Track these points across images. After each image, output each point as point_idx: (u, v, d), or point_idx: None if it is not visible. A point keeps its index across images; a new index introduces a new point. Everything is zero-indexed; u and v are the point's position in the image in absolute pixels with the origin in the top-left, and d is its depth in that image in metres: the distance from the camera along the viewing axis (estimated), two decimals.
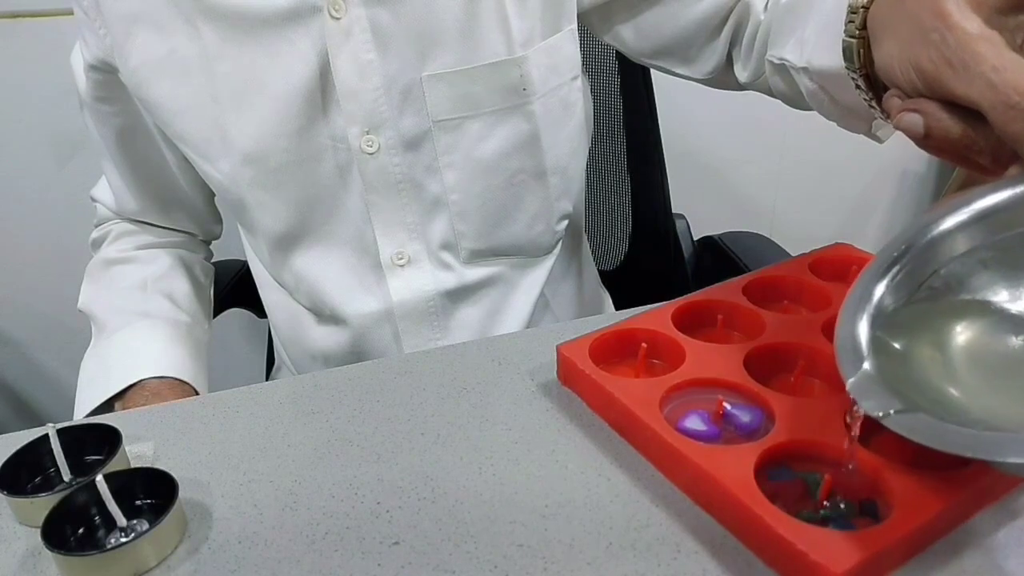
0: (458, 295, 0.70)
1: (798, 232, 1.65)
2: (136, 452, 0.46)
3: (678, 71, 0.74)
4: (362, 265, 0.68)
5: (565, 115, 0.68)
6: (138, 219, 0.79)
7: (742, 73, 0.70)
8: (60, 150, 1.26)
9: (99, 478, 0.38)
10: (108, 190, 0.78)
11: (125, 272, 0.75)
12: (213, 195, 0.80)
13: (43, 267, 1.32)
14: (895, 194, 1.96)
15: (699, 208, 1.06)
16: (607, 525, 0.38)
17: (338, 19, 0.58)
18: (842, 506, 0.37)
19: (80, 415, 0.65)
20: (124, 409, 0.62)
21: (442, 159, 0.64)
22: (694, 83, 0.76)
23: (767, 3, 0.65)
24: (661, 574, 0.35)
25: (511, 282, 0.72)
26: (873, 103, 0.46)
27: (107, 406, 0.64)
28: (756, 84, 0.70)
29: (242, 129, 0.62)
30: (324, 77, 0.60)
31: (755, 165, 1.58)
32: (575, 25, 0.67)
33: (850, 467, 0.37)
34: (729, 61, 0.72)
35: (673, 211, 0.99)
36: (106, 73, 0.66)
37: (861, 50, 0.44)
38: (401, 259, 0.67)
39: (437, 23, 0.60)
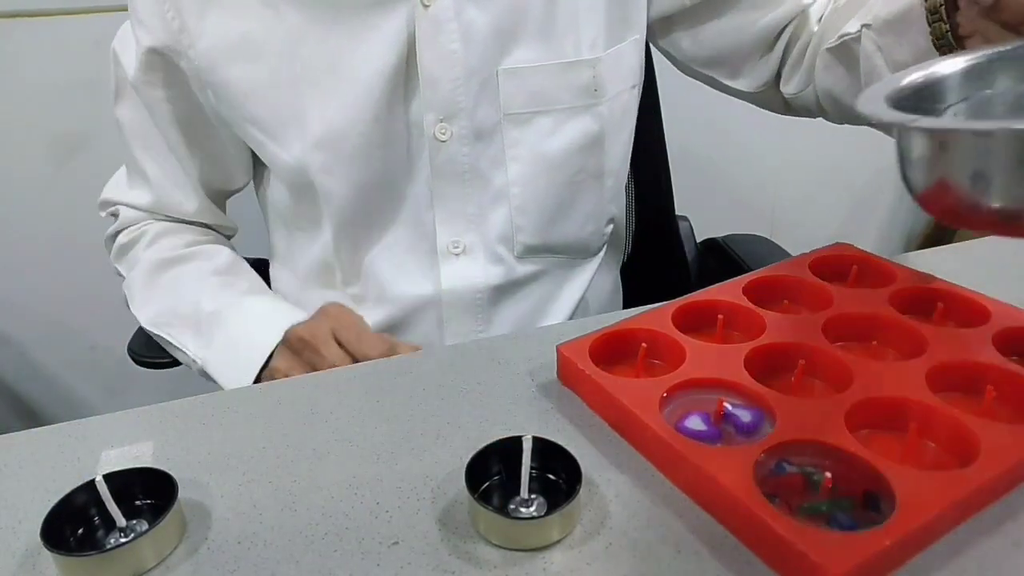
0: (506, 289, 0.71)
1: (798, 232, 1.64)
2: (136, 452, 0.46)
3: (726, 82, 0.76)
4: (417, 250, 0.69)
5: (624, 121, 0.71)
6: (190, 220, 0.75)
7: (787, 84, 0.72)
8: (59, 150, 1.26)
9: (99, 478, 0.38)
10: (141, 190, 0.73)
11: (198, 266, 0.72)
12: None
13: (43, 267, 1.32)
14: (895, 194, 1.96)
15: (703, 210, 1.06)
16: (607, 525, 0.38)
17: (427, 7, 0.60)
18: (843, 499, 0.37)
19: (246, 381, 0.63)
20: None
21: (508, 152, 0.66)
22: (701, 86, 0.77)
23: (821, 15, 0.67)
24: (661, 574, 0.35)
25: (557, 281, 0.74)
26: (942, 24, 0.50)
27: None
28: (800, 97, 0.72)
29: (321, 112, 0.62)
30: (408, 64, 0.61)
31: (757, 166, 1.58)
32: (640, 36, 0.70)
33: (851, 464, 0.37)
34: (777, 77, 0.74)
35: (677, 213, 0.99)
36: (166, 58, 0.64)
37: None
38: (457, 248, 0.68)
39: (518, 19, 0.62)
